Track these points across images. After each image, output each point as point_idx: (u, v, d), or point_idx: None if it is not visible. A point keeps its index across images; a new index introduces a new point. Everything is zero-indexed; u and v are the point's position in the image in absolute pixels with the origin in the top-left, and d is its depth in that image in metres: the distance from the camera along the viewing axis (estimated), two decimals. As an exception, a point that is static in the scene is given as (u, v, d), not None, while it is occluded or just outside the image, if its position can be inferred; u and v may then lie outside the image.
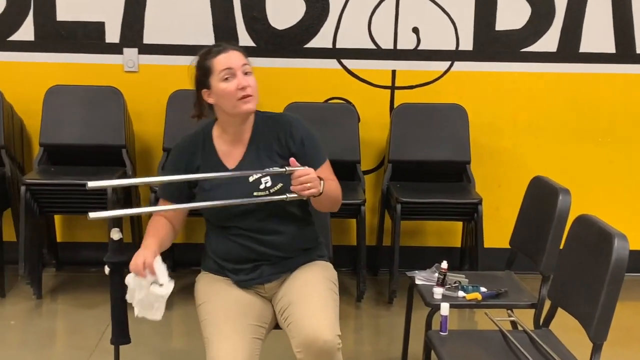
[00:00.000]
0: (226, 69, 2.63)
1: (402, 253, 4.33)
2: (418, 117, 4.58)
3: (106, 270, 2.96)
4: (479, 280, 3.28)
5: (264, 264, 2.71)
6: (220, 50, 2.66)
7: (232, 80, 2.63)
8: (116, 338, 3.01)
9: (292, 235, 2.73)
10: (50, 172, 4.35)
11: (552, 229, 3.00)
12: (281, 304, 2.68)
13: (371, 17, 4.63)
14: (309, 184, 2.51)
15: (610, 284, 2.41)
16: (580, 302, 2.59)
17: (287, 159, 2.63)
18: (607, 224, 2.57)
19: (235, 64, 2.64)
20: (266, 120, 2.76)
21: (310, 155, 2.71)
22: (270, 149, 2.71)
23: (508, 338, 2.80)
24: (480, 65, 4.70)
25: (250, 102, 2.64)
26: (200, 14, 4.59)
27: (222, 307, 2.67)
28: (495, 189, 4.79)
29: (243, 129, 2.72)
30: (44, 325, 4.13)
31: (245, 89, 2.62)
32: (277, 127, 2.73)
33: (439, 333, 2.84)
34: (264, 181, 2.65)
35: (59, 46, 4.59)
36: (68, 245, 4.83)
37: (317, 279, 2.70)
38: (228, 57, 2.65)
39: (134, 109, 4.60)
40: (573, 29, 4.68)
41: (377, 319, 4.24)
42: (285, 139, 2.71)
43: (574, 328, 2.79)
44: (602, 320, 2.44)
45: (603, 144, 4.81)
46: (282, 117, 2.80)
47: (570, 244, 2.77)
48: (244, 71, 2.64)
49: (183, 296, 4.46)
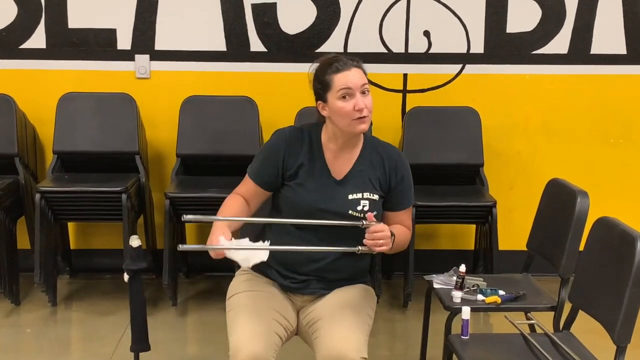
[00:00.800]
0: (345, 88, 2.60)
1: (416, 256, 4.32)
2: (431, 120, 4.58)
3: (125, 278, 2.97)
4: (496, 283, 3.26)
5: (312, 279, 2.73)
6: (342, 68, 2.61)
7: (350, 100, 2.60)
8: (136, 345, 3.03)
9: (351, 262, 2.74)
10: (64, 179, 4.35)
11: (570, 232, 3.00)
12: (310, 316, 2.69)
13: (382, 21, 4.64)
14: (381, 241, 2.54)
15: (633, 286, 2.41)
16: (603, 305, 2.59)
17: (385, 188, 2.71)
18: (629, 227, 2.57)
19: (355, 84, 2.60)
20: (375, 144, 2.77)
21: (403, 195, 2.77)
22: (374, 172, 2.72)
23: (530, 341, 2.80)
24: (491, 68, 4.70)
25: (366, 122, 2.63)
26: (211, 20, 4.60)
27: (251, 299, 2.69)
28: (508, 191, 4.79)
29: (353, 143, 2.72)
30: (60, 332, 4.13)
31: (362, 111, 2.59)
32: (386, 156, 2.75)
33: (460, 337, 2.84)
34: (363, 204, 2.67)
35: (71, 53, 4.60)
36: (81, 252, 4.83)
37: (355, 301, 2.71)
38: (349, 75, 2.60)
39: (146, 116, 4.61)
40: (584, 30, 4.68)
41: (393, 323, 4.23)
42: (389, 169, 2.74)
43: (593, 330, 2.80)
44: (625, 322, 2.43)
45: (616, 146, 4.80)
46: (392, 148, 2.82)
47: (590, 246, 2.77)
48: (363, 90, 2.61)
49: (198, 302, 4.48)
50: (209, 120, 4.53)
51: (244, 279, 2.80)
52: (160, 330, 4.00)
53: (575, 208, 2.98)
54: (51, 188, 4.20)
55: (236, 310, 2.67)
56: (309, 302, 2.76)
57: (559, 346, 2.75)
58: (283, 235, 2.70)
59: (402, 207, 2.78)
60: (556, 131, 4.79)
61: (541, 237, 3.31)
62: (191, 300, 4.51)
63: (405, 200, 2.79)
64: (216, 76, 4.64)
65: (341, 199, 2.67)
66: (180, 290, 4.51)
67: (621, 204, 4.69)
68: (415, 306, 4.35)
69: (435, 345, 3.52)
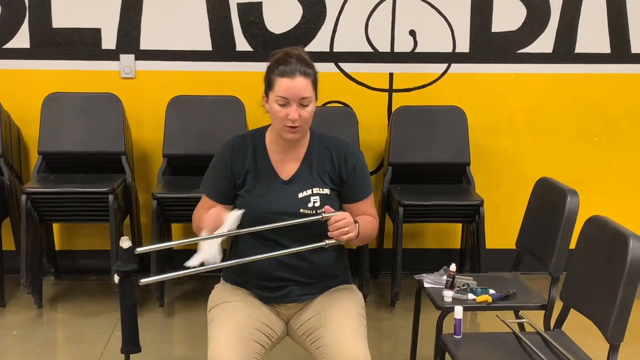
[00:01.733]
0: (282, 97, 2.58)
1: (402, 255, 4.33)
2: (417, 119, 4.59)
3: (115, 279, 2.94)
4: (486, 282, 3.28)
5: (290, 285, 2.70)
6: (287, 73, 2.57)
7: (285, 108, 2.58)
8: (127, 347, 2.99)
9: (325, 259, 2.72)
10: (50, 180, 4.32)
11: (560, 230, 3.02)
12: (307, 326, 2.67)
13: (368, 20, 4.64)
14: (346, 229, 2.52)
15: (626, 284, 2.43)
16: (596, 303, 2.60)
17: (337, 181, 2.68)
18: (621, 225, 2.59)
19: (293, 95, 2.56)
20: (323, 139, 2.75)
21: (359, 185, 2.74)
22: (323, 169, 2.70)
23: (522, 340, 2.81)
24: (477, 67, 4.72)
25: (296, 132, 2.61)
26: (197, 19, 4.58)
27: (231, 309, 2.67)
28: (494, 190, 4.81)
29: (297, 145, 2.71)
30: (47, 334, 4.10)
31: (294, 122, 2.57)
32: (333, 148, 2.73)
33: (453, 336, 2.85)
34: (313, 200, 2.65)
35: (55, 53, 4.56)
36: (67, 253, 4.80)
37: (349, 305, 2.70)
38: (290, 85, 2.56)
39: (132, 116, 4.58)
40: (568, 30, 4.71)
41: (381, 322, 4.24)
42: (339, 163, 2.71)
43: (584, 328, 2.82)
44: (618, 321, 2.45)
45: (600, 144, 4.84)
46: (339, 141, 2.77)
47: (582, 245, 2.79)
48: (301, 103, 2.58)
49: (185, 303, 4.47)
50: (195, 120, 4.51)
51: (223, 290, 2.79)
52: (147, 331, 3.96)
53: (565, 207, 3.01)
54: (37, 189, 4.16)
55: (215, 321, 2.66)
56: (296, 310, 2.74)
57: (552, 344, 2.76)
58: (248, 251, 2.67)
59: (360, 197, 2.73)
60: (541, 129, 4.82)
61: (530, 236, 3.33)
62: (178, 301, 4.50)
63: (362, 190, 2.74)
64: (202, 76, 4.62)
65: (291, 199, 2.64)
66: (167, 291, 4.48)
67: (605, 201, 4.73)
68: (403, 305, 4.36)
69: (424, 345, 3.53)
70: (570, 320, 2.90)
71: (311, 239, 2.61)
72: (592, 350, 2.75)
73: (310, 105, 2.61)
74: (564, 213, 3.01)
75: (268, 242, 2.65)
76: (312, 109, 2.62)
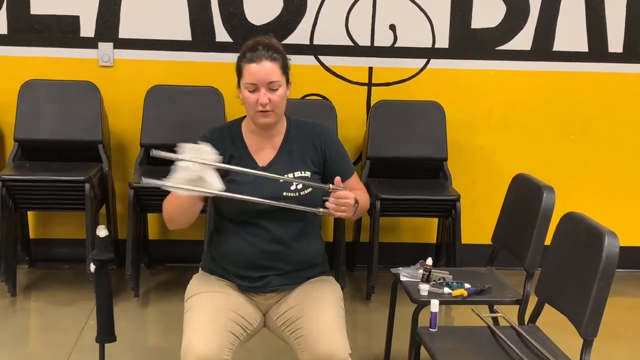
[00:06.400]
0: (250, 83, 2.60)
1: (379, 249, 4.35)
2: (396, 114, 4.60)
3: (91, 268, 2.93)
4: (462, 277, 3.30)
5: (270, 275, 2.70)
6: (254, 58, 2.59)
7: (255, 94, 2.60)
8: (102, 336, 3.00)
9: (307, 247, 2.73)
10: (25, 167, 4.29)
11: (536, 226, 3.04)
12: (286, 316, 2.67)
13: (348, 14, 4.64)
14: (343, 207, 2.53)
15: (600, 280, 2.45)
16: (570, 299, 2.63)
17: (321, 165, 2.71)
18: (596, 222, 2.62)
19: (260, 80, 2.58)
20: (300, 126, 2.76)
21: (345, 165, 2.78)
22: (303, 153, 2.71)
23: (496, 334, 2.83)
24: (456, 62, 4.75)
25: (269, 117, 2.62)
26: (177, 9, 4.56)
27: (207, 300, 2.67)
28: (470, 185, 4.83)
29: (273, 133, 2.71)
30: (21, 323, 4.08)
31: (265, 106, 2.59)
32: (313, 134, 2.74)
33: (428, 329, 2.87)
34: (295, 183, 2.65)
35: (33, 40, 4.52)
36: (41, 241, 4.77)
37: (329, 296, 2.71)
38: (257, 69, 2.58)
39: (110, 104, 4.56)
40: (547, 27, 4.74)
41: (356, 315, 4.25)
42: (321, 146, 2.73)
43: (558, 323, 2.85)
44: (593, 316, 2.48)
45: (576, 141, 4.88)
46: (317, 125, 2.80)
47: (557, 241, 2.82)
48: (270, 87, 2.59)
49: (160, 293, 4.46)
50: (173, 110, 4.49)
51: (201, 280, 2.79)
52: (122, 321, 3.94)
53: (542, 203, 3.03)
54: (13, 176, 4.14)
55: (190, 312, 2.66)
56: (275, 300, 2.74)
57: (526, 339, 2.79)
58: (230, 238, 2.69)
59: (348, 175, 2.75)
60: (518, 126, 4.85)
61: (506, 231, 3.35)
62: (153, 291, 4.48)
63: (346, 170, 2.77)
64: (181, 66, 4.61)
65: (273, 183, 2.64)
66: (142, 280, 4.47)
67: (580, 198, 4.75)
68: (379, 298, 4.37)
69: (399, 338, 3.55)
70: (545, 316, 2.93)
71: (293, 222, 2.65)
72: (566, 345, 2.78)
73: (280, 90, 2.62)
74: (540, 209, 3.03)
75: (251, 228, 2.66)
76: (283, 93, 2.63)
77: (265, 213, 2.63)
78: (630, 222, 4.91)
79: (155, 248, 4.81)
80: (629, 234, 4.68)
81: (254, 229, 2.66)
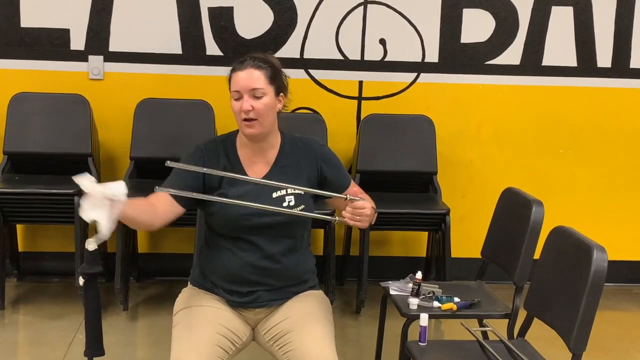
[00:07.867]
0: (234, 91, 2.62)
1: (369, 263, 4.35)
2: (386, 128, 4.62)
3: (80, 282, 2.91)
4: (451, 291, 3.30)
5: (259, 290, 2.69)
6: (238, 67, 2.62)
7: (239, 102, 2.61)
8: (90, 350, 2.96)
9: (297, 263, 2.73)
10: (15, 180, 4.28)
11: (525, 240, 3.04)
12: (275, 331, 2.66)
13: (339, 28, 4.66)
14: (358, 217, 2.54)
15: (589, 294, 2.46)
16: (559, 313, 2.63)
17: (317, 182, 2.72)
18: (585, 236, 2.62)
19: (243, 86, 2.59)
20: (294, 142, 2.76)
21: (340, 177, 2.78)
22: (298, 170, 2.71)
23: (486, 348, 2.83)
24: (445, 77, 4.76)
25: (253, 127, 2.61)
26: (167, 22, 4.57)
27: (195, 314, 2.66)
28: (460, 199, 4.84)
29: (265, 147, 2.71)
30: (8, 337, 4.04)
31: (247, 113, 2.59)
32: (307, 151, 2.74)
33: (418, 343, 2.86)
34: (288, 199, 2.65)
35: (23, 53, 4.52)
36: (30, 254, 4.74)
37: (317, 310, 2.70)
38: (241, 77, 2.60)
39: (99, 117, 4.55)
40: (536, 42, 4.77)
41: (346, 329, 4.24)
42: (317, 162, 2.73)
43: (547, 338, 2.85)
44: (581, 330, 2.48)
45: (564, 156, 4.90)
46: (312, 142, 2.80)
47: (546, 255, 2.82)
48: (253, 94, 2.59)
49: (149, 307, 4.44)
50: (163, 124, 4.49)
51: (190, 295, 2.77)
52: (110, 335, 3.91)
53: (531, 217, 3.03)
54: (2, 189, 4.12)
55: (178, 326, 2.65)
56: (264, 315, 2.73)
57: (515, 353, 2.79)
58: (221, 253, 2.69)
59: (347, 185, 2.77)
60: (507, 141, 4.87)
61: (496, 245, 3.36)
62: (142, 305, 4.47)
63: (344, 179, 2.80)
64: (171, 79, 4.61)
65: (265, 199, 2.63)
66: (130, 294, 4.46)
67: (569, 212, 4.77)
68: (368, 312, 4.37)
69: (389, 352, 3.55)
70: (534, 330, 2.93)
71: (285, 238, 2.66)
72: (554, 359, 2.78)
73: (265, 98, 2.61)
74: (529, 223, 3.04)
75: (242, 244, 2.65)
76: (268, 101, 2.62)
77: (256, 229, 2.62)
78: (618, 237, 4.93)
79: (145, 261, 4.79)
80: (617, 248, 4.70)
81: (245, 245, 2.65)
